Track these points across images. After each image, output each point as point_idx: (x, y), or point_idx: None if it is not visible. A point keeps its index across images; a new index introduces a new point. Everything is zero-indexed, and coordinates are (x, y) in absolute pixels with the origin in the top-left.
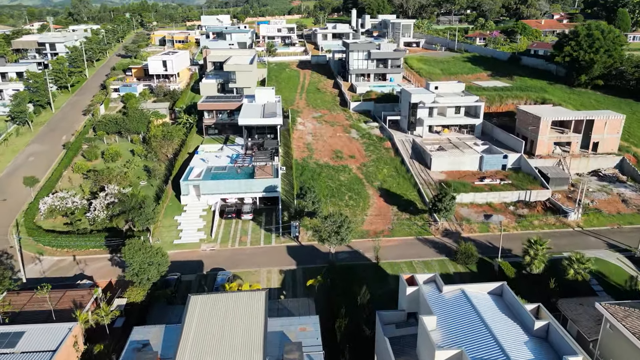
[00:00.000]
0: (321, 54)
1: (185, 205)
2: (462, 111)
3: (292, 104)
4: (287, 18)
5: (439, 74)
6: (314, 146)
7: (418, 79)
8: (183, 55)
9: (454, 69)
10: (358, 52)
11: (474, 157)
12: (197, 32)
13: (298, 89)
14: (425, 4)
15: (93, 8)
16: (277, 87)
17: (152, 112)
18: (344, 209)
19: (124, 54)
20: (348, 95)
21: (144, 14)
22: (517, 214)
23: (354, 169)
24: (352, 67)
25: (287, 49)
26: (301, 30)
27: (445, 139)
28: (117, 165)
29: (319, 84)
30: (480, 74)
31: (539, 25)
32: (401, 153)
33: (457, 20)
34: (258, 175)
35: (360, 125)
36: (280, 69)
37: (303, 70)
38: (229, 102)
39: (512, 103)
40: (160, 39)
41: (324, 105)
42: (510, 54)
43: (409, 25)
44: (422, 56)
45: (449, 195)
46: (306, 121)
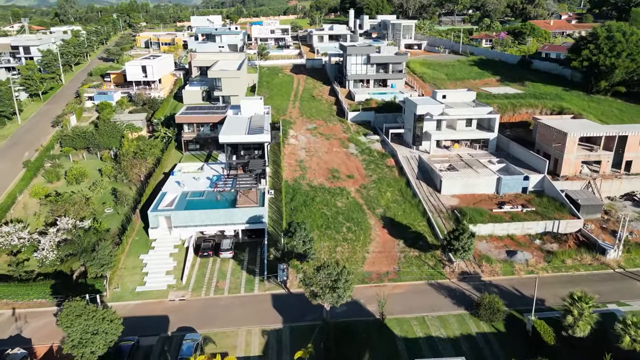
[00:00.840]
0: (317, 57)
1: (154, 241)
2: (474, 124)
3: (285, 114)
4: (282, 19)
5: (444, 79)
6: (308, 164)
7: (422, 85)
8: (166, 60)
9: (460, 73)
10: (356, 56)
11: (490, 179)
12: (185, 33)
13: (291, 96)
14: (426, 4)
15: (80, 8)
16: (269, 94)
17: (125, 124)
18: (341, 243)
19: (106, 58)
20: (345, 103)
21: (132, 15)
22: (544, 249)
23: (352, 191)
24: (350, 73)
25: (280, 51)
26: (296, 32)
27: (456, 155)
28: (81, 188)
29: (314, 91)
30: (488, 79)
31: (548, 26)
32: (406, 172)
33: (460, 21)
34: (241, 203)
35: (360, 138)
36: (272, 73)
37: (297, 75)
38: (212, 114)
39: (527, 112)
40: (146, 41)
41: (319, 115)
42: (520, 57)
43: (410, 27)
44: (425, 59)
45: (467, 232)
46: (299, 134)
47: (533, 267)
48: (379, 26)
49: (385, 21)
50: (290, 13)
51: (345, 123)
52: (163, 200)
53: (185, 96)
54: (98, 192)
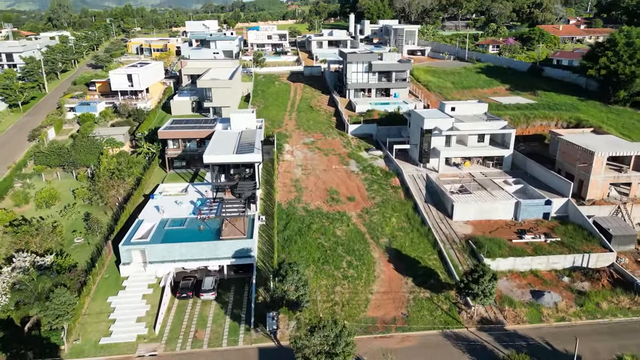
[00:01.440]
0: (315, 64)
1: (126, 279)
2: (486, 139)
3: (280, 126)
4: (281, 23)
5: (451, 87)
6: (304, 183)
7: (427, 94)
8: (155, 67)
9: (467, 81)
10: (357, 64)
11: (507, 204)
12: (179, 39)
13: (288, 106)
14: (428, 9)
15: (74, 13)
16: (264, 103)
17: (105, 139)
18: (341, 282)
19: (95, 65)
20: (345, 115)
21: (126, 19)
22: (575, 289)
23: (353, 217)
24: (350, 81)
25: (277, 58)
26: (294, 37)
27: (467, 174)
28: (51, 212)
29: (312, 101)
30: (497, 87)
31: (557, 31)
32: (413, 194)
33: (464, 26)
34: (226, 234)
35: (361, 154)
36: (268, 81)
37: (294, 84)
38: (199, 128)
39: (541, 124)
40: (137, 47)
41: (317, 128)
42: (530, 64)
43: (413, 32)
44: (429, 66)
45: (488, 274)
46: (295, 149)
47: (564, 313)
48: (380, 31)
49: (387, 26)
50: (289, 18)
51: (345, 137)
52: (139, 230)
53: (174, 107)
54: (69, 218)
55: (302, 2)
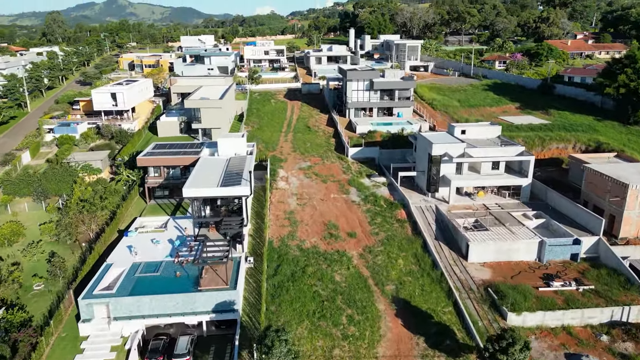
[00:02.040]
0: (314, 81)
1: (86, 340)
2: (502, 166)
3: (275, 149)
4: (279, 38)
5: (457, 106)
6: (299, 216)
7: (432, 113)
8: (143, 85)
9: (474, 99)
10: (357, 82)
11: (530, 243)
12: (173, 55)
13: (284, 126)
14: (430, 23)
15: (68, 28)
16: (258, 124)
17: (81, 165)
18: (340, 343)
19: (84, 81)
20: (345, 136)
21: (121, 34)
22: (617, 351)
23: (354, 257)
24: (350, 100)
25: (274, 74)
26: (292, 53)
27: (481, 206)
28: (13, 251)
29: (309, 120)
30: (507, 106)
31: (565, 46)
32: (421, 229)
33: (468, 41)
34: (205, 283)
35: (362, 181)
36: (264, 99)
37: (291, 102)
38: (183, 154)
39: (557, 147)
40: (129, 63)
41: (314, 151)
42: (540, 81)
43: (415, 47)
44: (433, 83)
45: (518, 342)
46: (290, 175)
47: None
48: (381, 46)
49: (388, 41)
50: (288, 33)
51: (345, 161)
52: (105, 277)
53: (160, 128)
54: (31, 258)
55: (302, 17)
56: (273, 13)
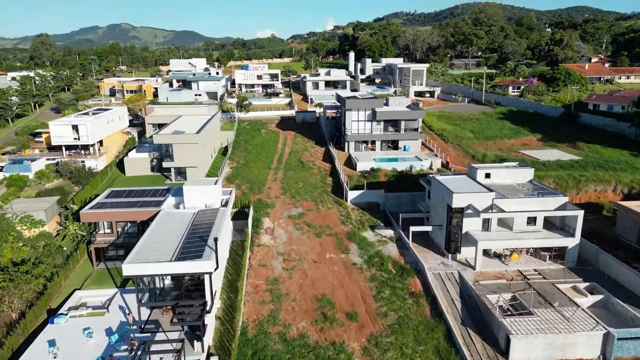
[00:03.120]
0: (310, 108)
1: None
2: (539, 221)
3: (261, 190)
4: (277, 62)
5: (471, 138)
6: (285, 286)
7: (442, 147)
8: (115, 114)
9: (489, 130)
10: (358, 111)
11: (592, 336)
12: (160, 79)
13: (273, 162)
14: (434, 46)
15: (57, 51)
16: (245, 158)
17: (20, 216)
18: None
19: (58, 109)
20: (344, 174)
21: (110, 57)
22: None
23: (356, 353)
24: (349, 132)
25: (267, 100)
26: (288, 77)
27: (516, 273)
28: None
29: (303, 154)
30: (527, 137)
31: (583, 70)
32: (443, 309)
33: (475, 64)
34: None
35: (365, 235)
36: (253, 129)
37: (284, 132)
38: (140, 206)
39: (595, 190)
40: (110, 89)
41: (308, 193)
42: (562, 109)
43: (420, 71)
44: (442, 111)
45: None
46: (277, 225)
47: None
48: (383, 70)
49: (390, 65)
50: (285, 55)
51: (344, 206)
52: None
53: (128, 166)
54: None
55: (302, 40)
56: (273, 36)
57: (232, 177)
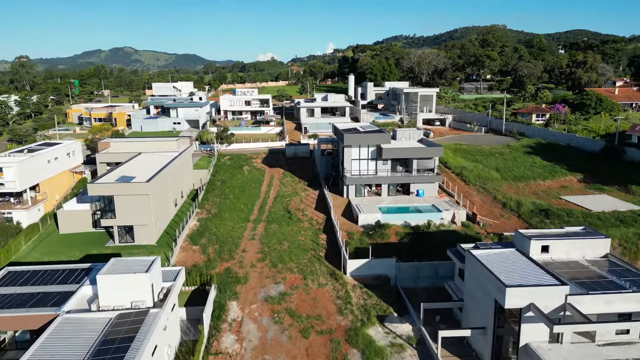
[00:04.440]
0: (303, 140)
1: None
2: (635, 330)
3: (233, 255)
4: (272, 85)
5: (497, 178)
6: None
7: (464, 190)
8: (60, 151)
9: (517, 168)
10: (359, 148)
11: None
12: (136, 105)
13: (254, 210)
14: (441, 68)
15: (37, 74)
16: (219, 205)
17: None
18: None
19: (12, 139)
20: (342, 232)
21: (90, 81)
22: None
23: None
24: (348, 173)
25: (256, 129)
26: (281, 102)
27: None
28: None
29: (291, 200)
30: (565, 178)
31: (612, 95)
32: None
33: (487, 88)
34: None
35: (371, 333)
36: (235, 166)
37: (271, 170)
38: (35, 306)
39: None
40: (79, 116)
41: (294, 259)
42: (602, 142)
43: (429, 96)
44: (457, 144)
45: None
46: (247, 315)
47: None
48: (386, 95)
49: (395, 89)
50: (282, 79)
51: (342, 281)
52: None
53: (62, 221)
54: None
55: (302, 63)
56: (273, 59)
57: (197, 235)
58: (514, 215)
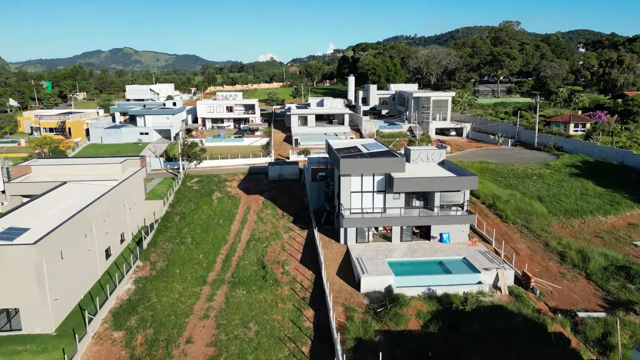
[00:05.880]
0: (292, 155)
1: None
2: None
3: (170, 352)
4: (264, 87)
5: (543, 214)
6: None
7: (500, 229)
8: None
9: (567, 199)
10: (362, 177)
11: None
12: (101, 111)
13: (216, 263)
14: (451, 68)
15: (10, 76)
16: (169, 257)
17: None
18: None
19: None
20: (337, 307)
21: (64, 83)
22: None
23: None
24: (347, 212)
25: (237, 141)
26: (271, 106)
27: None
28: None
29: (270, 246)
30: (632, 212)
31: None
32: None
33: (504, 91)
34: None
35: None
36: (202, 192)
37: (248, 198)
38: None
39: None
40: (31, 125)
41: (269, 356)
42: None
43: (443, 102)
44: (483, 162)
45: None
46: None
47: None
48: (392, 100)
49: (402, 93)
50: (276, 80)
51: None
52: None
53: None
54: None
55: (302, 64)
56: (272, 60)
57: (125, 311)
58: (580, 274)
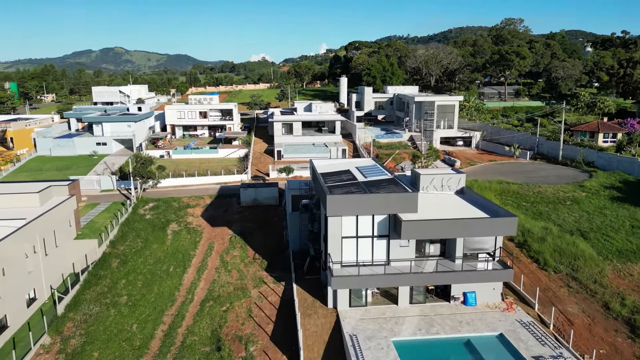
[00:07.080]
0: (273, 171)
1: None
2: None
3: None
4: (249, 89)
5: (592, 257)
6: None
7: (539, 282)
8: None
9: (617, 234)
10: (358, 218)
11: None
12: (55, 116)
13: (154, 338)
14: (452, 69)
15: None
16: (93, 325)
17: None
18: None
19: None
20: None
21: (29, 83)
22: None
23: None
24: (337, 266)
25: (210, 153)
26: (253, 110)
27: None
28: None
29: (231, 311)
30: None
31: None
32: None
33: (512, 93)
34: None
35: None
36: (156, 224)
37: (212, 231)
38: None
39: None
40: None
41: None
42: None
43: (450, 107)
44: (502, 182)
45: None
46: None
47: None
48: (389, 104)
49: (401, 97)
50: (264, 81)
51: None
52: None
53: None
54: None
55: (294, 64)
56: (264, 60)
57: None
58: None
